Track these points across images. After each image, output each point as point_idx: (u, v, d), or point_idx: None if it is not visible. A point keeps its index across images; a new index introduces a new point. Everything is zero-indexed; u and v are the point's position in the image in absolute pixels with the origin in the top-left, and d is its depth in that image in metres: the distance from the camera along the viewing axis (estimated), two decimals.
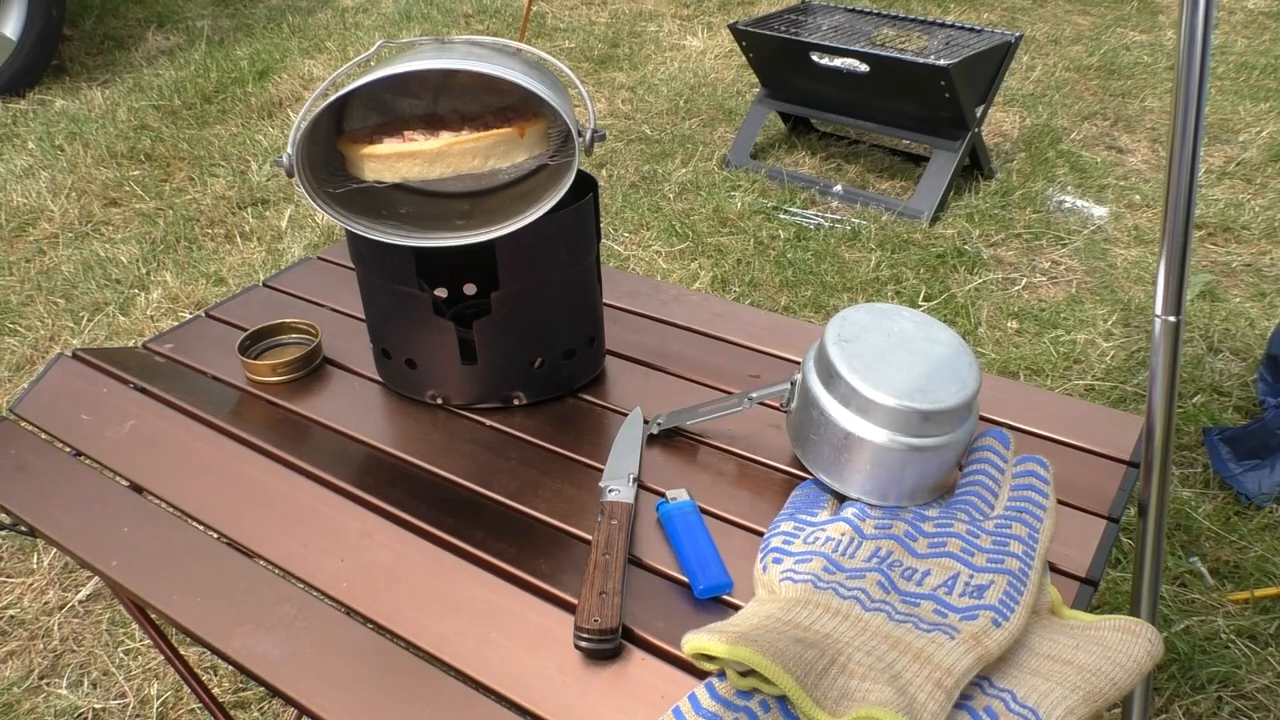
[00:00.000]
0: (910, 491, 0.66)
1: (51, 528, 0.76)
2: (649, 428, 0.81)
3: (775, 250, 2.42)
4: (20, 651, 1.48)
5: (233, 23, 4.07)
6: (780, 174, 2.76)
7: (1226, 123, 3.02)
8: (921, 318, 0.73)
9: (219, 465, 0.81)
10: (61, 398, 0.88)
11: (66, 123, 3.15)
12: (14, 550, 1.65)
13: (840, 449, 0.67)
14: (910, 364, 0.68)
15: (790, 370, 0.90)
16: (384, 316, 0.85)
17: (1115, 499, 0.74)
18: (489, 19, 4.09)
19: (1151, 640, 0.56)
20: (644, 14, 4.12)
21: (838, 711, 0.50)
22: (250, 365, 0.89)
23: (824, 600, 0.59)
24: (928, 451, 0.65)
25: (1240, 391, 1.93)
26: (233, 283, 2.29)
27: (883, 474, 0.66)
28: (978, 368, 0.69)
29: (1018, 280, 2.32)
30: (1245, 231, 2.48)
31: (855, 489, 0.68)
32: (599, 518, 0.71)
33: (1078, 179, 2.74)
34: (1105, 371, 2.00)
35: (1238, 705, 1.36)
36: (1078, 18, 3.97)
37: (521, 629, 0.64)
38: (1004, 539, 0.61)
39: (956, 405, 0.65)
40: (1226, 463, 1.71)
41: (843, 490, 0.68)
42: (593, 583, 0.64)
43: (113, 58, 3.71)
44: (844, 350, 0.68)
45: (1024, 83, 3.34)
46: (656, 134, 3.06)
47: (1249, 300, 2.22)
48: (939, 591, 0.59)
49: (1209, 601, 1.50)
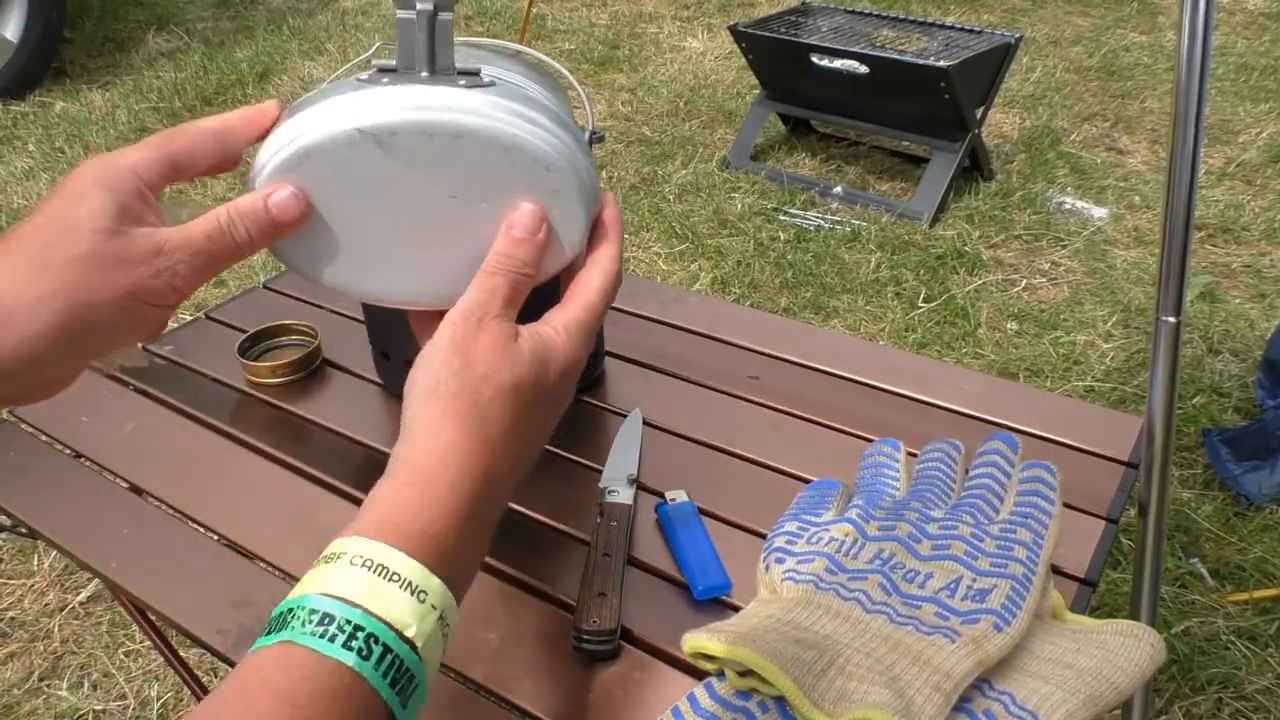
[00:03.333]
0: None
1: (52, 530, 0.76)
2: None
3: (775, 252, 2.42)
4: (21, 653, 1.48)
5: (233, 25, 4.07)
6: (780, 175, 2.76)
7: (1226, 124, 3.02)
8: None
9: (219, 467, 0.81)
10: (61, 399, 0.88)
11: (67, 125, 3.16)
12: (14, 552, 1.65)
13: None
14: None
15: (789, 371, 0.90)
16: (382, 318, 0.85)
17: (1115, 500, 0.74)
18: (489, 20, 4.09)
19: (1153, 644, 0.56)
20: (644, 16, 4.12)
21: (835, 713, 0.50)
22: (250, 367, 0.90)
23: (825, 601, 0.59)
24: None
25: (1240, 393, 1.93)
26: (232, 284, 2.29)
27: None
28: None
29: (1017, 281, 2.32)
30: (1245, 233, 2.48)
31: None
32: (598, 519, 0.71)
33: (1078, 180, 2.74)
34: (1105, 372, 2.00)
35: (1238, 706, 1.36)
36: (1078, 19, 3.97)
37: (520, 629, 0.64)
38: (1009, 543, 0.60)
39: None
40: (1226, 464, 1.70)
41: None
42: (591, 583, 0.64)
43: (113, 60, 3.72)
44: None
45: (1024, 84, 3.34)
46: (656, 136, 3.06)
47: (1249, 301, 2.22)
48: (941, 594, 0.59)
49: (1209, 603, 1.50)
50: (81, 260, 0.41)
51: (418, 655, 0.37)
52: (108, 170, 0.43)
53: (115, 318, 0.42)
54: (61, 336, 0.41)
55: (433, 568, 0.38)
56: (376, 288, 0.51)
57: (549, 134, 0.47)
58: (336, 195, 0.48)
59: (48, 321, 0.41)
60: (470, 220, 0.48)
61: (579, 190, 0.48)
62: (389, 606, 0.36)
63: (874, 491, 0.68)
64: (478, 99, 0.47)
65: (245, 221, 0.45)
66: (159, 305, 0.44)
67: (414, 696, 0.37)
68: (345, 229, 0.49)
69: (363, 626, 0.35)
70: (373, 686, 0.35)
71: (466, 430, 0.42)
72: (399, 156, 0.46)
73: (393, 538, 0.38)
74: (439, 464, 0.41)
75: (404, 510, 0.39)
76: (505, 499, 0.45)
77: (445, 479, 0.41)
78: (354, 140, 0.46)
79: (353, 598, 0.36)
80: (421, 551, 0.38)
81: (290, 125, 0.47)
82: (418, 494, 0.40)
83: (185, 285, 0.44)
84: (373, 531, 0.38)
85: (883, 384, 0.87)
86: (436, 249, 0.50)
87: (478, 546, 0.42)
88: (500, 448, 0.43)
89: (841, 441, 0.81)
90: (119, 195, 0.43)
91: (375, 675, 0.35)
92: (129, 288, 0.42)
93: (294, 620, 0.36)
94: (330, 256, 0.50)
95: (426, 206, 0.48)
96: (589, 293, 0.47)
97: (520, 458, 0.45)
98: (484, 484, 0.42)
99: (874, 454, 0.71)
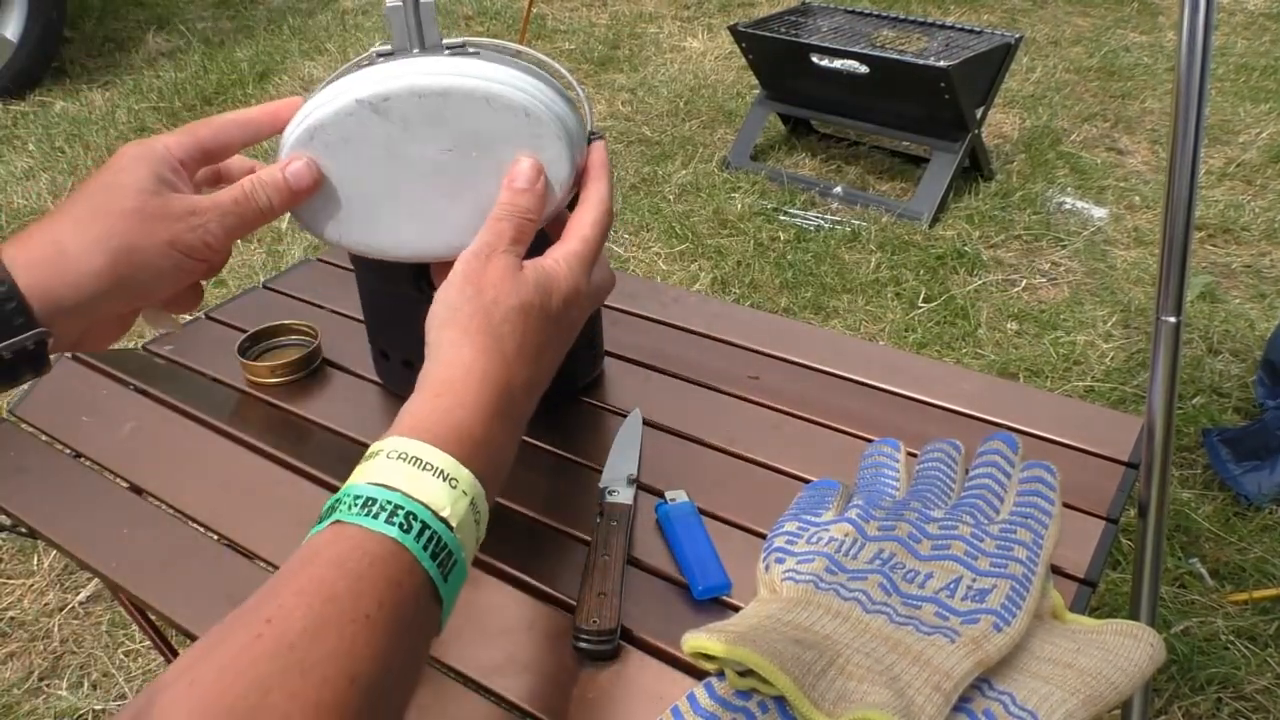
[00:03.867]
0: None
1: (51, 529, 0.76)
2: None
3: (775, 252, 2.42)
4: (20, 653, 1.48)
5: (233, 24, 4.07)
6: (780, 175, 2.76)
7: (1226, 124, 3.02)
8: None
9: (219, 466, 0.81)
10: (61, 399, 0.88)
11: (67, 124, 3.15)
12: (14, 552, 1.65)
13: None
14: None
15: (789, 371, 0.90)
16: (382, 318, 0.85)
17: (1114, 500, 0.74)
18: (489, 20, 4.09)
19: (1153, 644, 0.56)
20: (644, 16, 4.12)
21: (835, 713, 0.50)
22: (250, 367, 0.89)
23: (825, 601, 0.59)
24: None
25: (1240, 393, 1.93)
26: (232, 284, 2.29)
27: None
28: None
29: (1017, 281, 2.32)
30: (1245, 233, 2.48)
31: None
32: (598, 518, 0.71)
33: (1078, 180, 2.74)
34: (1105, 373, 2.00)
35: (1237, 706, 1.36)
36: (1078, 19, 3.97)
37: (520, 629, 0.64)
38: (1009, 544, 0.60)
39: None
40: (1226, 464, 1.70)
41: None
42: (591, 583, 0.65)
43: (113, 59, 3.72)
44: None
45: (1024, 84, 3.34)
46: (656, 136, 3.06)
47: (1249, 301, 2.22)
48: (941, 594, 0.59)
49: (1208, 603, 1.50)
50: (128, 214, 0.49)
51: (454, 534, 0.41)
52: (146, 148, 0.52)
53: (158, 263, 0.50)
54: (113, 277, 0.49)
55: (462, 460, 0.43)
56: (390, 243, 0.58)
57: (527, 85, 0.53)
58: (346, 162, 0.55)
59: (102, 263, 0.48)
60: (466, 172, 0.55)
61: (561, 133, 0.54)
62: (425, 490, 0.41)
63: (874, 491, 0.68)
64: (461, 63, 0.53)
65: (266, 189, 0.53)
66: (195, 259, 0.51)
67: (454, 572, 0.42)
68: (357, 192, 0.56)
69: (402, 506, 0.40)
70: (414, 555, 0.40)
71: (482, 346, 0.47)
72: (395, 120, 0.53)
73: (425, 436, 0.43)
74: (462, 375, 0.46)
75: (433, 414, 0.45)
76: (526, 409, 0.49)
77: (469, 386, 0.46)
78: (354, 110, 0.53)
79: (392, 484, 0.41)
80: (452, 446, 0.43)
81: (303, 108, 0.55)
82: (444, 401, 0.45)
83: (216, 242, 0.52)
84: (407, 433, 0.43)
85: (882, 384, 0.87)
86: (439, 203, 0.56)
87: (504, 446, 0.47)
88: (515, 362, 0.48)
89: (841, 441, 0.81)
90: (156, 167, 0.51)
91: (416, 546, 0.40)
92: (169, 239, 0.50)
93: (341, 506, 0.41)
94: (346, 218, 0.57)
95: (425, 163, 0.55)
96: (584, 228, 0.53)
97: (534, 373, 0.49)
98: (504, 391, 0.47)
99: (874, 454, 0.72)
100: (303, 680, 0.34)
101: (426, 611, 0.40)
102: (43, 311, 0.47)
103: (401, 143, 0.54)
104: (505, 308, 0.48)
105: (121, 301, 0.50)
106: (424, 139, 0.54)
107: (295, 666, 0.34)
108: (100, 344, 0.53)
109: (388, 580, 0.38)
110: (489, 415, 0.45)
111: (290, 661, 0.34)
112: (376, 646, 0.37)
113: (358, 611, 0.37)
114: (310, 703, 0.34)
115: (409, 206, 0.56)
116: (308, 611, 0.36)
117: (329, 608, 0.37)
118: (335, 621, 0.36)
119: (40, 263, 0.47)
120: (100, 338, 0.53)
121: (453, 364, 0.46)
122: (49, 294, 0.47)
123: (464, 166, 0.55)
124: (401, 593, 0.39)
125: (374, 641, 0.37)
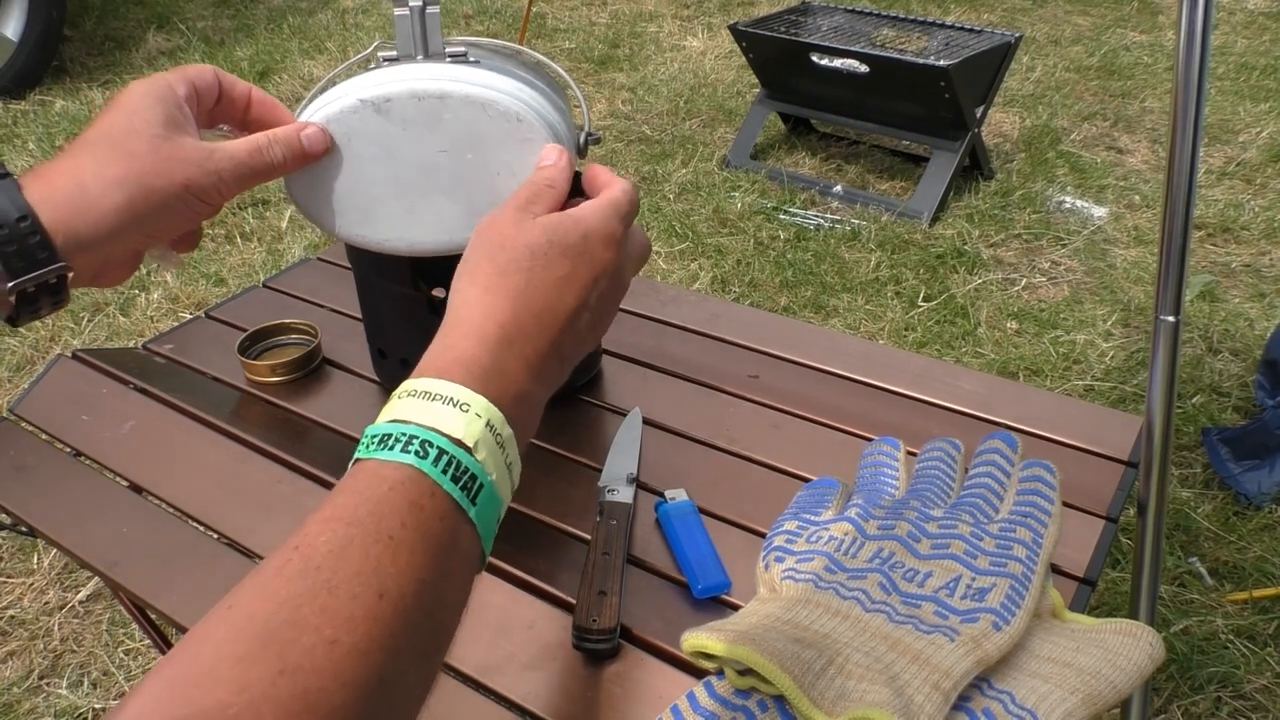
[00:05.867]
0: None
1: (51, 528, 0.76)
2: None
3: (775, 251, 2.42)
4: (20, 651, 1.48)
5: (233, 23, 4.07)
6: (780, 175, 2.76)
7: (1226, 123, 3.03)
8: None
9: (219, 465, 0.81)
10: (61, 398, 0.88)
11: (67, 124, 3.15)
12: (14, 550, 1.65)
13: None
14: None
15: (789, 371, 0.90)
16: (380, 316, 0.85)
17: (1114, 499, 0.74)
18: (489, 19, 4.09)
19: (1152, 644, 0.56)
20: (644, 15, 4.12)
21: (835, 711, 0.50)
22: (250, 365, 0.90)
23: (825, 600, 0.59)
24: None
25: (1239, 392, 1.93)
26: (233, 283, 2.29)
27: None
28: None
29: (1017, 281, 2.32)
30: (1245, 232, 2.48)
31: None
32: (598, 518, 0.71)
33: (1077, 179, 2.74)
34: (1105, 372, 2.00)
35: (1236, 705, 1.36)
36: (1078, 18, 3.97)
37: (519, 628, 0.64)
38: (1008, 543, 0.61)
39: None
40: (1226, 463, 1.71)
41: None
42: (591, 582, 0.65)
43: (113, 58, 3.71)
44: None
45: (1024, 83, 3.34)
46: (656, 135, 3.06)
47: (1248, 301, 2.22)
48: (940, 593, 0.59)
49: (1208, 602, 1.50)
50: (145, 155, 0.52)
51: (472, 455, 0.42)
52: (154, 86, 0.54)
53: (173, 203, 0.53)
54: (130, 215, 0.51)
55: (471, 386, 0.44)
56: (386, 236, 0.61)
57: (520, 92, 0.57)
58: (350, 157, 0.58)
59: (120, 201, 0.51)
60: (460, 172, 0.58)
61: (550, 138, 0.57)
62: (436, 418, 0.42)
63: (873, 490, 0.68)
64: (459, 70, 0.57)
65: (280, 146, 0.56)
66: (205, 202, 0.54)
67: (482, 495, 0.42)
68: (358, 186, 0.59)
69: (415, 436, 0.41)
70: (433, 479, 0.40)
71: (485, 284, 0.48)
72: (395, 120, 0.57)
73: (430, 371, 0.45)
74: (465, 311, 0.48)
75: (440, 352, 0.46)
76: (545, 337, 0.48)
77: (473, 320, 0.47)
78: (358, 109, 0.57)
79: (404, 418, 0.42)
80: (458, 375, 0.44)
81: (309, 105, 0.59)
82: (449, 339, 0.47)
83: (227, 189, 0.55)
84: (417, 374, 0.45)
85: (882, 383, 0.87)
86: (435, 199, 0.59)
87: (518, 374, 0.47)
88: (524, 292, 0.48)
89: (841, 440, 0.81)
90: (166, 106, 0.53)
91: (434, 470, 0.41)
92: (184, 181, 0.53)
93: (360, 447, 0.43)
94: (347, 211, 0.60)
95: (423, 162, 0.58)
96: (610, 190, 0.54)
97: (550, 300, 0.49)
98: (512, 317, 0.47)
99: (873, 453, 0.72)
100: (330, 596, 0.36)
101: (456, 534, 0.41)
102: (64, 247, 0.50)
103: (400, 142, 0.57)
104: (511, 248, 0.49)
105: (136, 239, 0.53)
106: (422, 139, 0.57)
107: (323, 585, 0.36)
108: (112, 279, 0.55)
109: (409, 503, 0.40)
110: (495, 342, 0.46)
111: (318, 581, 0.36)
112: (403, 564, 0.38)
113: (380, 532, 0.38)
114: (342, 617, 0.35)
115: (405, 202, 0.59)
116: (331, 536, 0.38)
117: (352, 530, 0.38)
118: (359, 542, 0.38)
119: (63, 200, 0.50)
120: (112, 274, 0.55)
121: (458, 306, 0.48)
122: (70, 230, 0.50)
123: (458, 167, 0.58)
124: (423, 514, 0.40)
125: (399, 559, 0.38)
